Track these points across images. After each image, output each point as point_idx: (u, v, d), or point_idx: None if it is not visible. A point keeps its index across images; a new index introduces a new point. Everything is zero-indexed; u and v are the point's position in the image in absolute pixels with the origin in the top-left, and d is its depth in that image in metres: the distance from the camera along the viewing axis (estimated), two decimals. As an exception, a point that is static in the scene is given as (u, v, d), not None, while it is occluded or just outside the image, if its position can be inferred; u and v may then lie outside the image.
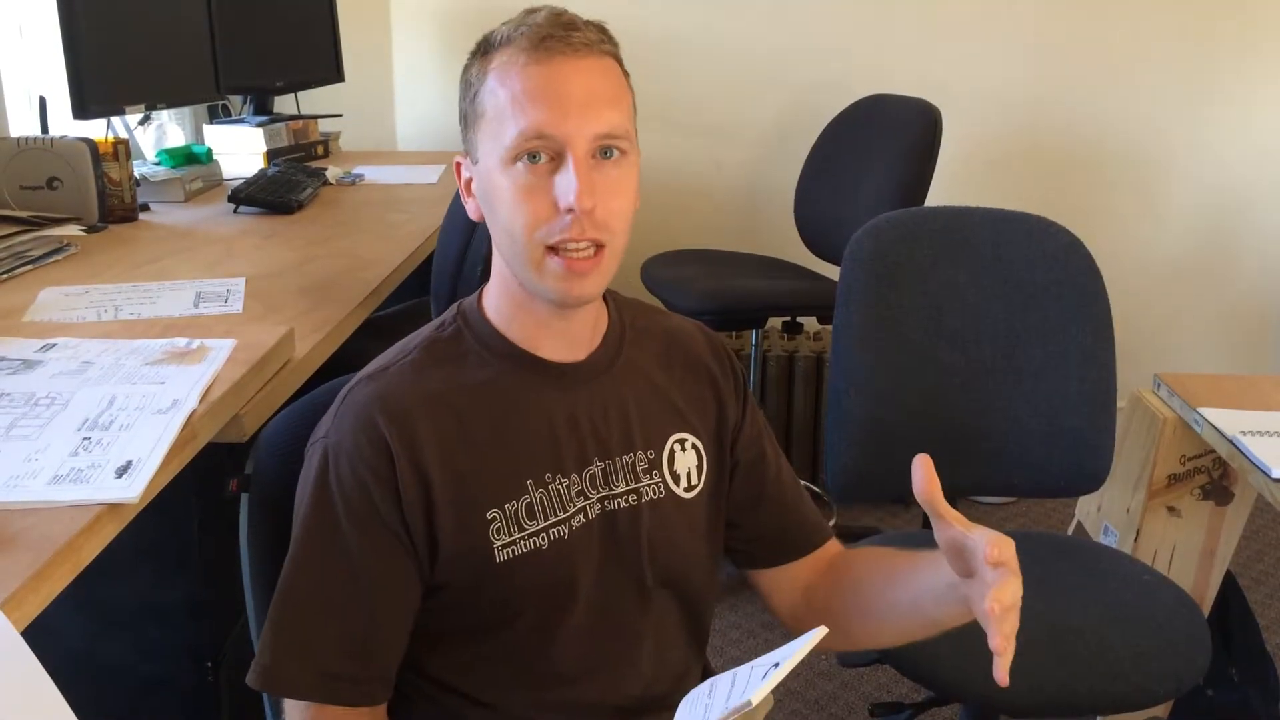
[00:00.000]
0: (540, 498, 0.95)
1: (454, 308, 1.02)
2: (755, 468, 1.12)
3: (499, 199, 0.91)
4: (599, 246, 0.90)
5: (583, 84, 0.89)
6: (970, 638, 1.39)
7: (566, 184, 0.87)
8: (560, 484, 0.97)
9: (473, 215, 0.98)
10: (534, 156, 0.88)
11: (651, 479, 1.01)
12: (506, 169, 0.90)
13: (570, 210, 0.87)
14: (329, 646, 0.91)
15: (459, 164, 0.99)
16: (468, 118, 0.94)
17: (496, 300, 0.99)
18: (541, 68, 0.88)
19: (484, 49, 0.93)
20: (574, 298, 0.92)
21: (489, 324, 0.99)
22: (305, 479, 0.94)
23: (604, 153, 0.90)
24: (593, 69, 0.90)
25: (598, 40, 0.91)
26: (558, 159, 0.89)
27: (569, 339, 0.98)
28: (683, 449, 1.04)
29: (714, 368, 1.09)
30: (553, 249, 0.89)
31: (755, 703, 0.74)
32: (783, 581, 1.15)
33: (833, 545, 1.17)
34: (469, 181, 0.97)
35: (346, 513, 0.91)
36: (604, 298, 1.04)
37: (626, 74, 0.95)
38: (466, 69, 0.95)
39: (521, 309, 0.97)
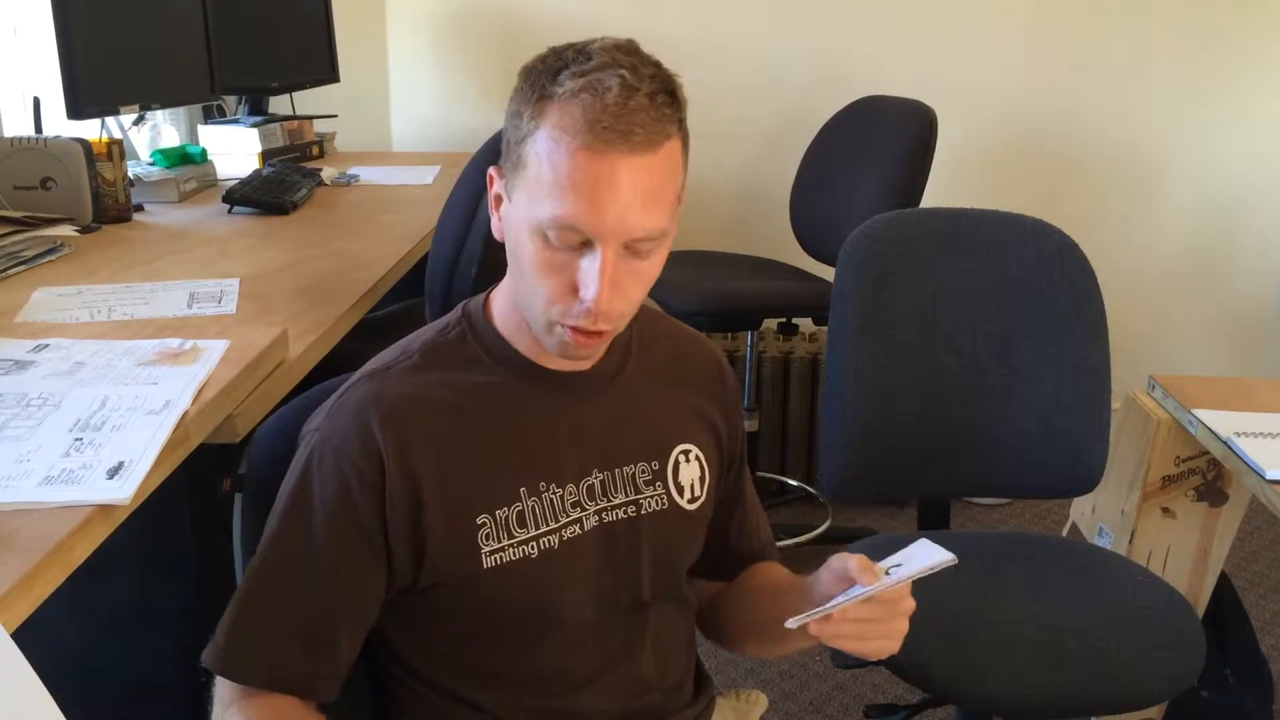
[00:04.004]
0: (533, 506, 0.95)
1: (459, 310, 1.01)
2: (734, 485, 1.13)
3: (523, 256, 0.89)
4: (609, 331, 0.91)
5: (629, 185, 0.83)
6: (963, 641, 1.39)
7: (589, 280, 0.85)
8: (554, 493, 0.96)
9: (496, 234, 0.94)
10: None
11: (654, 490, 1.01)
12: (534, 236, 0.87)
13: (586, 305, 0.86)
14: (282, 638, 0.90)
15: (492, 176, 0.94)
16: (512, 151, 0.89)
17: (504, 308, 0.98)
18: (592, 157, 0.82)
19: (541, 89, 0.85)
20: (575, 359, 0.94)
21: (494, 330, 0.98)
22: (291, 470, 0.94)
23: (636, 248, 0.87)
24: (645, 168, 0.84)
25: (660, 129, 0.85)
26: (587, 245, 0.86)
27: None
28: (687, 460, 1.04)
29: (717, 380, 1.09)
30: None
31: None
32: (705, 589, 1.16)
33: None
34: (499, 198, 0.93)
35: (321, 510, 0.90)
36: None
37: (686, 142, 0.91)
38: (520, 96, 0.88)
39: (525, 326, 0.96)
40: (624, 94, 0.83)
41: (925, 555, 0.89)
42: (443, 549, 0.92)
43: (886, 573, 0.90)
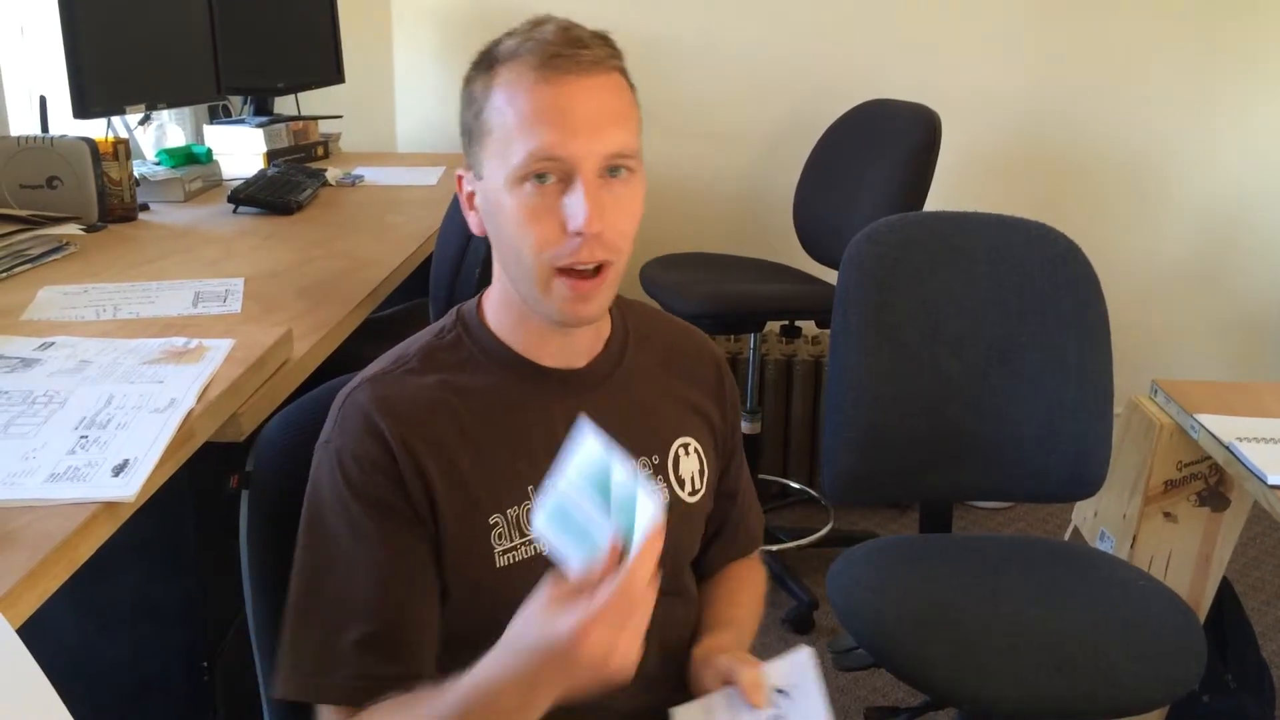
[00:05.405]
0: None
1: (452, 313, 1.02)
2: (726, 476, 1.13)
3: (505, 218, 0.91)
4: (603, 264, 0.90)
5: (592, 103, 0.87)
6: (965, 644, 1.39)
7: (576, 207, 0.87)
8: None
9: (475, 229, 0.97)
10: (542, 177, 0.88)
11: (656, 484, 1.02)
12: (513, 189, 0.89)
13: (579, 234, 0.87)
14: (362, 650, 0.89)
15: (460, 177, 0.98)
16: (472, 133, 0.93)
17: (497, 309, 0.99)
18: (550, 87, 0.87)
19: (488, 62, 0.91)
20: (579, 319, 0.92)
21: (489, 331, 0.98)
22: (316, 486, 0.93)
23: (612, 171, 0.89)
24: (601, 87, 0.89)
25: (606, 56, 0.90)
26: (566, 180, 0.88)
27: (570, 348, 0.98)
28: (686, 453, 1.04)
29: (712, 374, 1.10)
30: (561, 270, 0.89)
31: None
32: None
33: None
34: (471, 195, 0.96)
35: (366, 511, 0.90)
36: None
37: (633, 87, 0.94)
38: (469, 82, 0.93)
39: (523, 320, 0.96)
40: (562, 31, 0.89)
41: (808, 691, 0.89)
42: (457, 550, 0.92)
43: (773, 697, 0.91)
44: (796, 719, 0.88)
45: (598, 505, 0.77)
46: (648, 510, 0.75)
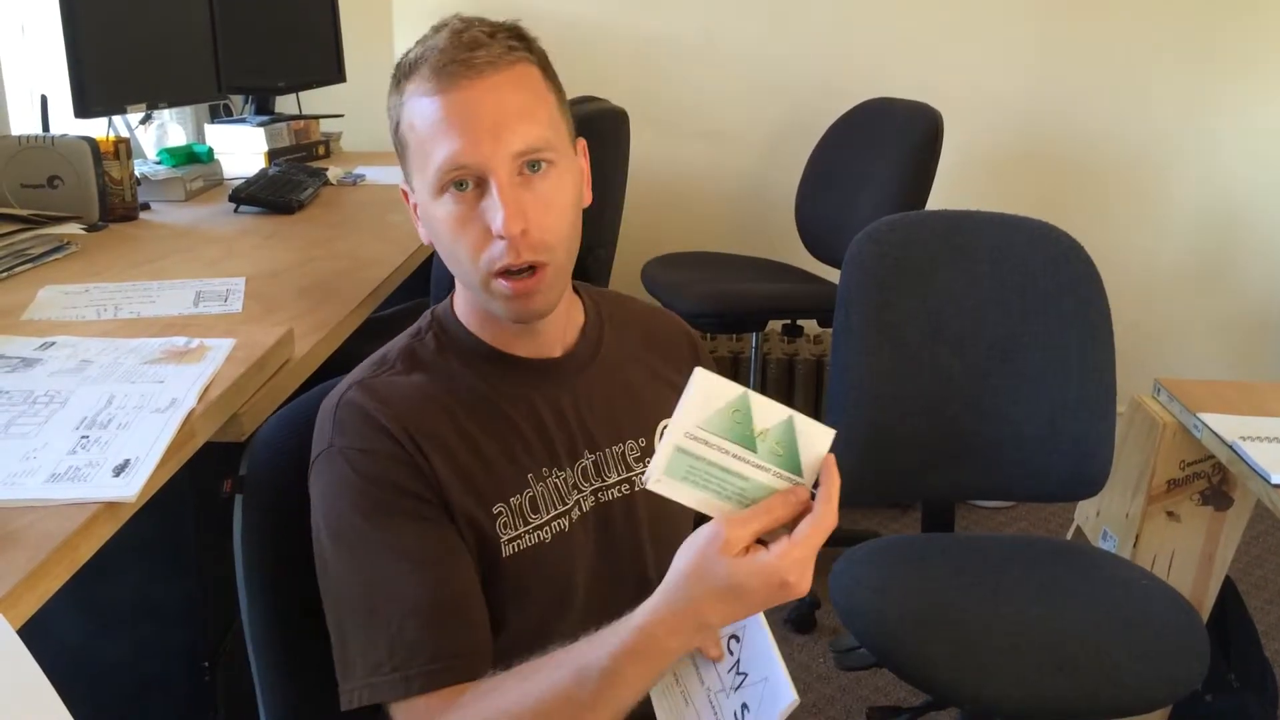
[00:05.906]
0: (541, 491, 0.96)
1: (427, 315, 1.03)
2: None
3: (438, 229, 0.92)
4: (536, 265, 0.90)
5: (492, 105, 0.87)
6: (967, 643, 1.39)
7: (494, 211, 0.87)
8: (558, 477, 0.97)
9: (423, 239, 0.98)
10: (460, 185, 0.88)
11: (644, 466, 1.02)
12: (437, 200, 0.90)
13: (502, 237, 0.87)
14: (433, 632, 0.87)
15: (405, 191, 0.99)
16: (397, 149, 0.94)
17: (464, 308, 1.00)
18: (447, 97, 0.87)
19: (397, 77, 0.92)
20: (527, 315, 0.93)
21: (464, 328, 1.00)
22: (329, 492, 0.92)
23: (531, 167, 0.89)
24: (500, 86, 0.88)
25: (504, 52, 0.89)
26: (482, 185, 0.88)
27: (539, 340, 0.99)
28: None
29: (688, 354, 1.11)
30: (497, 273, 0.90)
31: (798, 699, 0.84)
32: None
33: None
34: (415, 207, 0.97)
35: (386, 496, 0.90)
36: (577, 292, 1.05)
37: (550, 74, 0.94)
38: (388, 98, 0.94)
39: (488, 317, 0.98)
40: (455, 37, 0.89)
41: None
42: (466, 536, 0.92)
43: (727, 645, 0.90)
44: (748, 661, 0.88)
45: (735, 447, 0.81)
46: (819, 437, 0.82)
